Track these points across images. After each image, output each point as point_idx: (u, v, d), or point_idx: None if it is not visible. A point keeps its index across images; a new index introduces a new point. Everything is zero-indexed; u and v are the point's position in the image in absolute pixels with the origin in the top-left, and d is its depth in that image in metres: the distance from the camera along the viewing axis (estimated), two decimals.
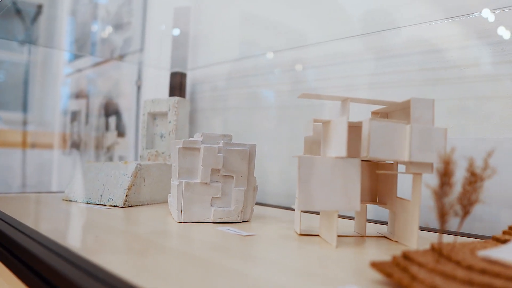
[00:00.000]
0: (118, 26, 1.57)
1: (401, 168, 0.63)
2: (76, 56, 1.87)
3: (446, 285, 0.35)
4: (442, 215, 0.41)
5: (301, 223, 0.64)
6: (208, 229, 0.66)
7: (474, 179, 0.42)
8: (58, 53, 1.96)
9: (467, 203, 0.43)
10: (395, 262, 0.42)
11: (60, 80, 1.89)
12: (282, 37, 1.09)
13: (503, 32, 0.73)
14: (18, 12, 1.77)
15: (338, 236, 0.63)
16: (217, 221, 0.71)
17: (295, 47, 1.06)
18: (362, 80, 0.93)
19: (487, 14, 0.75)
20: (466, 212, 0.43)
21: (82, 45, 1.76)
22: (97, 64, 1.74)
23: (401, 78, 0.86)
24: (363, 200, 0.65)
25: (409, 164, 0.54)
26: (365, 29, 0.93)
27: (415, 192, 0.55)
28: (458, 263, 0.41)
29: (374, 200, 0.66)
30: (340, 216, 0.81)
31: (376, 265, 0.40)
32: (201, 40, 1.33)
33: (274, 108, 1.10)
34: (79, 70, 1.82)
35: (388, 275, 0.39)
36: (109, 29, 1.65)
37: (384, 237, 0.64)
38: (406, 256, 0.43)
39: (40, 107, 1.94)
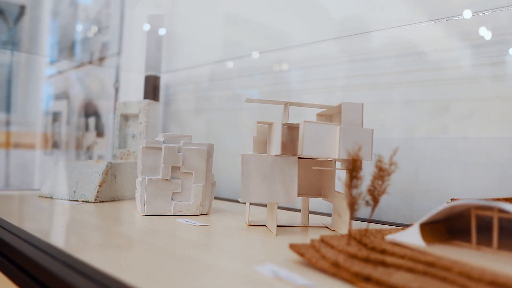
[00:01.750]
0: (97, 30, 1.63)
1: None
2: (57, 58, 1.91)
3: (346, 263, 0.42)
4: (352, 205, 0.48)
5: (256, 215, 0.71)
6: (168, 220, 0.72)
7: (381, 174, 0.49)
8: (40, 54, 2.00)
9: (376, 194, 0.50)
10: (311, 244, 0.48)
11: (42, 81, 1.93)
12: (263, 39, 1.14)
13: (484, 33, 0.77)
14: (1, 12, 1.82)
15: (285, 226, 0.70)
16: (177, 214, 0.77)
17: (276, 49, 1.10)
18: (343, 81, 0.95)
19: (468, 16, 0.77)
20: (375, 202, 0.50)
21: (63, 47, 1.81)
22: (77, 66, 1.79)
23: (382, 80, 0.89)
24: (306, 194, 0.71)
25: (340, 161, 0.61)
26: (347, 31, 0.95)
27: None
28: (365, 245, 0.48)
29: (319, 194, 0.73)
30: (297, 210, 0.88)
31: (293, 247, 0.47)
32: (177, 43, 1.39)
33: (256, 109, 1.13)
34: (60, 72, 1.87)
35: (301, 254, 0.46)
36: (89, 32, 1.70)
37: (326, 227, 0.70)
38: (322, 239, 0.50)
39: (23, 107, 1.99)
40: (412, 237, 0.48)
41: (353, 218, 0.48)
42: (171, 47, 1.39)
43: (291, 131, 0.66)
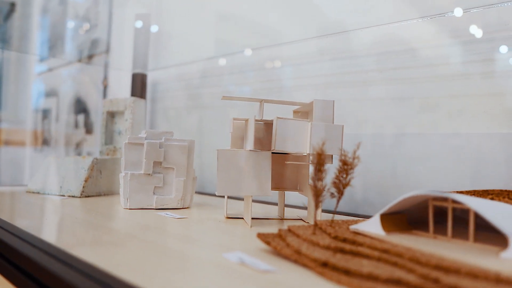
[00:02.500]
0: (85, 28, 1.64)
1: None
2: (47, 56, 1.93)
3: (308, 250, 0.45)
4: (317, 196, 0.50)
5: (236, 209, 0.73)
6: (149, 214, 0.75)
7: (345, 167, 0.52)
8: (30, 52, 2.02)
9: (340, 186, 0.52)
10: (278, 234, 0.51)
11: (32, 78, 1.95)
12: (253, 36, 1.15)
13: (474, 31, 0.77)
14: None
15: (262, 219, 0.72)
16: (159, 207, 0.80)
17: (266, 46, 1.10)
18: (336, 78, 0.96)
19: (459, 13, 0.78)
20: (340, 194, 0.53)
21: (52, 45, 1.83)
22: (67, 64, 1.80)
23: (374, 77, 0.90)
24: (283, 188, 0.74)
25: (312, 155, 0.64)
26: (338, 28, 0.95)
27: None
28: (329, 234, 0.50)
29: (295, 188, 0.76)
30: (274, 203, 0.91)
31: (261, 236, 0.50)
32: (166, 41, 1.41)
33: (244, 106, 1.15)
34: (50, 70, 1.88)
35: (267, 243, 0.48)
36: (80, 30, 1.72)
37: (301, 219, 0.73)
38: (289, 229, 0.52)
39: (14, 105, 2.00)
40: (373, 227, 0.51)
41: (318, 208, 0.51)
42: (160, 44, 1.42)
43: (267, 127, 0.69)
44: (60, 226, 0.64)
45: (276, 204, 0.88)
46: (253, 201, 0.93)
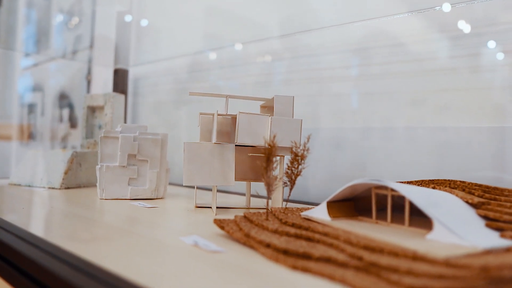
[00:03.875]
0: (69, 24, 1.67)
1: None
2: (32, 51, 1.95)
3: (256, 234, 0.49)
4: (269, 185, 0.55)
5: (207, 199, 0.77)
6: (123, 203, 0.79)
7: (296, 158, 0.56)
8: (16, 47, 2.04)
9: (292, 176, 0.57)
10: (234, 220, 0.55)
11: (18, 73, 1.97)
12: (241, 31, 1.16)
13: (462, 26, 0.79)
14: None
15: (229, 208, 0.77)
16: (133, 198, 0.84)
17: (254, 40, 1.11)
18: (328, 72, 0.97)
19: (447, 8, 0.80)
20: (292, 183, 0.57)
21: (37, 40, 1.85)
22: (51, 59, 1.83)
23: (362, 72, 0.92)
24: (249, 178, 0.78)
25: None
26: (329, 22, 0.96)
27: (280, 170, 0.70)
28: (280, 220, 0.55)
29: (259, 179, 0.80)
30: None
31: (216, 221, 0.54)
32: (149, 37, 1.45)
33: (232, 101, 1.16)
34: (35, 65, 1.91)
35: (221, 227, 0.53)
36: (69, 24, 1.74)
37: (265, 208, 0.77)
38: (245, 216, 0.57)
39: (1, 100, 2.02)
40: (321, 213, 0.55)
41: (270, 197, 0.55)
42: (143, 40, 1.45)
43: (234, 121, 0.73)
44: (36, 215, 0.68)
45: (254, 196, 0.92)
46: (228, 192, 0.98)
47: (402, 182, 0.64)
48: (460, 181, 0.61)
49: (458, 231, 0.44)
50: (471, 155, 0.77)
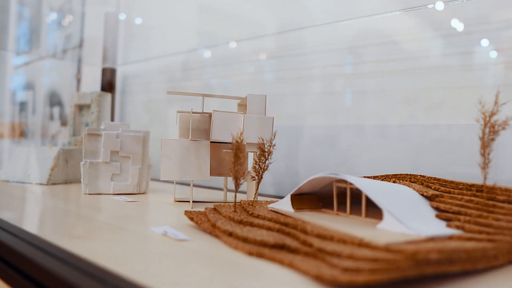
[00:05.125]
0: (60, 23, 1.70)
1: None
2: (23, 50, 1.98)
3: (222, 224, 0.53)
4: (236, 179, 0.58)
5: (186, 193, 0.81)
6: (105, 198, 0.82)
7: (263, 154, 0.60)
8: (7, 45, 2.06)
9: (259, 171, 0.60)
10: (204, 212, 0.59)
11: (9, 72, 2.00)
12: (234, 28, 1.17)
13: (456, 24, 0.79)
14: None
15: (206, 202, 0.80)
16: (116, 193, 0.87)
17: (247, 38, 1.12)
18: (316, 71, 0.98)
19: (440, 6, 0.80)
20: (259, 178, 0.60)
21: (29, 39, 1.88)
22: (42, 58, 1.86)
23: (356, 70, 0.92)
24: (222, 173, 0.82)
25: (246, 145, 0.71)
26: (323, 20, 0.96)
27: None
28: (247, 212, 0.58)
29: None
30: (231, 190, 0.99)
31: (187, 213, 0.58)
32: (137, 36, 1.48)
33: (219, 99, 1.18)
34: (26, 63, 1.94)
35: (190, 219, 0.56)
36: (63, 22, 1.77)
37: (235, 201, 0.81)
38: (215, 208, 0.60)
39: None
40: (285, 206, 0.59)
41: (238, 190, 0.59)
42: (134, 39, 1.48)
43: (210, 119, 0.76)
44: (21, 208, 0.71)
45: (231, 190, 0.96)
46: (210, 187, 1.01)
47: (367, 177, 0.68)
48: (420, 176, 0.64)
49: (406, 221, 0.47)
50: (462, 152, 0.79)
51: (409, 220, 0.48)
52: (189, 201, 0.80)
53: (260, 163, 0.60)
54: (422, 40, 0.84)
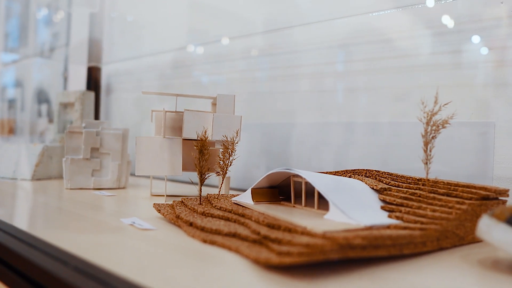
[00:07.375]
0: (48, 22, 1.74)
1: None
2: (12, 47, 2.01)
3: (185, 215, 0.57)
4: (201, 174, 0.63)
5: (163, 188, 0.85)
6: (86, 192, 0.86)
7: (226, 150, 0.65)
8: None
9: (223, 166, 0.65)
10: (172, 204, 0.64)
11: None
12: (225, 25, 1.18)
13: (447, 22, 0.80)
14: None
15: (182, 196, 0.84)
16: (97, 188, 0.92)
17: (239, 35, 1.12)
18: (306, 69, 0.99)
19: (431, 4, 0.81)
20: (224, 173, 0.65)
21: (16, 38, 1.91)
22: (30, 56, 1.89)
23: (347, 67, 0.93)
24: (194, 169, 0.86)
25: (215, 142, 0.76)
26: (314, 18, 0.97)
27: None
28: (211, 204, 0.63)
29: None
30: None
31: (155, 205, 0.62)
32: (122, 35, 1.51)
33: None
34: (15, 61, 1.97)
35: (158, 211, 0.61)
36: (54, 18, 1.80)
37: (200, 194, 0.86)
38: (182, 201, 0.65)
39: None
40: (247, 199, 0.63)
41: (202, 184, 0.64)
42: (121, 37, 1.52)
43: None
44: (2, 202, 0.75)
45: (212, 186, 1.00)
46: (187, 182, 1.06)
47: (328, 172, 0.73)
48: (375, 171, 0.69)
49: (349, 211, 0.52)
50: (453, 149, 0.81)
51: (352, 211, 0.53)
52: (163, 195, 0.84)
53: (224, 159, 0.65)
54: (414, 38, 0.86)
